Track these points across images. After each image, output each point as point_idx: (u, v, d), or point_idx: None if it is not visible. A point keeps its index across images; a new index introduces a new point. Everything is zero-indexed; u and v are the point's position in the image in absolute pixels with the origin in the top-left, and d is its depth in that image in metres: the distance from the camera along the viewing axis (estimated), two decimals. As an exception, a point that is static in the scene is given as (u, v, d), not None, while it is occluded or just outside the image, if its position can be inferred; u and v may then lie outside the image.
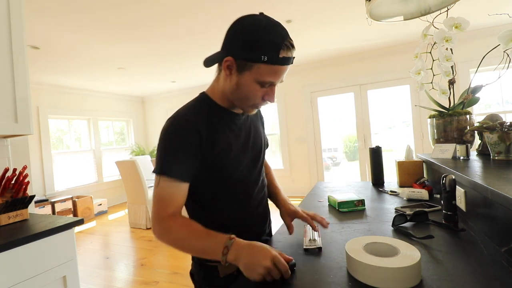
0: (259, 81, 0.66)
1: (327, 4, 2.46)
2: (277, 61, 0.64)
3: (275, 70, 0.65)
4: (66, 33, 2.62)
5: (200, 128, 0.69)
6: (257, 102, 0.71)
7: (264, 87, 0.68)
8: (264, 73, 0.65)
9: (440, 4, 1.14)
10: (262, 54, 0.62)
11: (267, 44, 0.63)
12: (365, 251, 0.59)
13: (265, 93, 0.70)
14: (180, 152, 0.68)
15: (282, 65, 0.65)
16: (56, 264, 1.09)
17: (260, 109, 0.85)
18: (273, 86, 0.70)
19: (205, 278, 0.78)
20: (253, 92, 0.68)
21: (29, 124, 1.28)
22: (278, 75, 0.66)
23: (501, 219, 0.64)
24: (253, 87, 0.68)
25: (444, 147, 1.23)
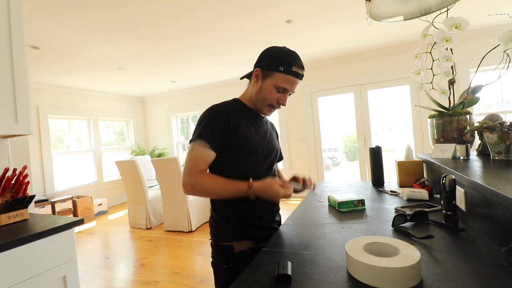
0: (275, 86, 0.91)
1: (327, 4, 2.46)
2: (290, 72, 0.90)
3: (288, 79, 0.90)
4: (66, 33, 2.62)
5: (229, 115, 0.90)
6: (273, 103, 0.94)
7: (279, 92, 0.92)
8: (280, 80, 0.90)
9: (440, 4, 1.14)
10: (280, 66, 0.89)
11: (284, 60, 0.90)
12: (365, 251, 0.59)
13: (279, 97, 0.93)
14: (212, 126, 0.88)
15: (293, 77, 0.90)
16: (56, 264, 1.09)
17: (273, 124, 1.14)
18: (286, 93, 0.93)
19: (222, 258, 0.92)
20: (270, 94, 0.92)
21: (29, 124, 1.28)
22: (290, 83, 0.91)
23: (501, 219, 0.64)
24: (271, 90, 0.92)
25: (444, 147, 1.23)
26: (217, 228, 0.95)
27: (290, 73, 0.89)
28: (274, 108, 0.97)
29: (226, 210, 0.94)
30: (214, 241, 0.95)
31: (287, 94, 0.93)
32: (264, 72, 0.92)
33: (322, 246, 0.75)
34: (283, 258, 0.70)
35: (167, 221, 3.46)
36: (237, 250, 0.90)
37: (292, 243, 0.79)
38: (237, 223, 0.93)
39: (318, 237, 0.82)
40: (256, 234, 0.93)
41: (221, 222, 0.94)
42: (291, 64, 0.89)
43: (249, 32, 2.92)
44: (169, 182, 3.34)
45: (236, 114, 0.93)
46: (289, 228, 0.92)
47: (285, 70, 0.88)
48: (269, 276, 0.62)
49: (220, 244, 0.93)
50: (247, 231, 0.93)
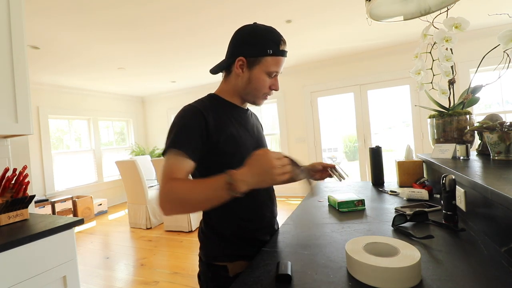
0: (267, 72, 0.80)
1: (327, 4, 2.46)
2: (279, 53, 0.80)
3: (278, 60, 0.80)
4: (66, 33, 2.62)
5: (206, 114, 0.76)
6: (267, 91, 0.84)
7: (271, 77, 0.82)
8: (271, 64, 0.79)
9: (440, 4, 1.14)
10: (268, 49, 0.78)
11: (270, 41, 0.79)
12: (365, 251, 0.59)
13: (272, 83, 0.83)
14: (187, 131, 0.74)
15: (283, 56, 0.81)
16: (56, 264, 1.09)
17: (256, 115, 1.04)
18: (276, 76, 0.84)
19: (213, 279, 0.78)
20: (263, 83, 0.81)
21: (29, 124, 1.28)
22: (279, 65, 0.81)
23: (501, 219, 0.64)
24: (263, 78, 0.81)
25: (444, 147, 1.23)
26: (208, 245, 0.82)
27: (280, 54, 0.79)
28: (267, 96, 0.86)
29: (221, 223, 0.81)
30: (205, 259, 0.82)
31: (277, 77, 0.84)
32: (251, 60, 0.79)
33: (322, 246, 0.74)
34: (283, 258, 0.70)
35: (167, 221, 3.46)
36: (232, 273, 0.77)
37: (292, 243, 0.79)
38: (233, 238, 0.80)
39: (318, 237, 0.82)
40: (253, 252, 0.78)
41: (214, 238, 0.81)
42: (278, 43, 0.79)
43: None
44: (169, 182, 3.34)
45: (216, 112, 0.80)
46: (289, 228, 0.92)
47: (274, 52, 0.78)
48: (269, 276, 0.62)
49: (212, 264, 0.80)
50: (244, 248, 0.80)
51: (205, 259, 0.81)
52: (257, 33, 0.79)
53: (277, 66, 0.80)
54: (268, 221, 0.88)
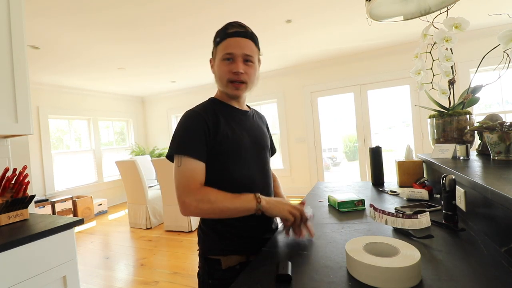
0: (222, 58, 0.85)
1: (327, 4, 2.46)
2: (227, 35, 0.84)
3: (228, 43, 0.84)
4: (66, 33, 2.62)
5: (207, 118, 0.83)
6: (229, 76, 0.85)
7: (229, 61, 0.84)
8: (221, 49, 0.85)
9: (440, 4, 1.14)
10: (217, 38, 0.88)
11: (219, 32, 0.88)
12: (365, 251, 0.59)
13: (231, 67, 0.84)
14: (193, 135, 0.81)
15: (233, 37, 0.84)
16: (56, 264, 1.09)
17: (263, 115, 1.08)
18: (237, 58, 0.84)
19: (208, 272, 0.84)
20: (222, 69, 0.85)
21: (29, 124, 1.28)
22: (232, 46, 0.83)
23: (501, 219, 0.64)
24: (221, 65, 0.86)
25: (444, 147, 1.23)
26: (204, 239, 0.87)
27: (228, 36, 0.83)
28: (235, 83, 0.85)
29: (218, 220, 0.85)
30: (202, 252, 0.87)
31: (238, 59, 0.83)
32: (213, 57, 0.90)
33: (322, 246, 0.74)
34: (283, 258, 0.70)
35: (167, 221, 3.46)
36: (225, 266, 0.82)
37: (292, 243, 0.79)
38: (227, 234, 0.84)
39: (318, 237, 0.82)
40: (247, 247, 0.84)
41: (210, 232, 0.86)
42: (225, 29, 0.85)
43: (249, 32, 2.92)
44: (169, 182, 3.34)
45: (214, 115, 0.85)
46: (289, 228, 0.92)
47: (222, 37, 0.84)
48: (269, 276, 0.62)
49: (208, 257, 0.84)
50: (238, 244, 0.84)
51: (201, 252, 0.88)
52: (216, 33, 0.89)
53: (228, 47, 0.83)
54: (264, 219, 0.87)
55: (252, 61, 0.86)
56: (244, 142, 0.87)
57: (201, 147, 0.80)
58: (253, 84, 0.89)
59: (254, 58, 0.87)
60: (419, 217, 0.77)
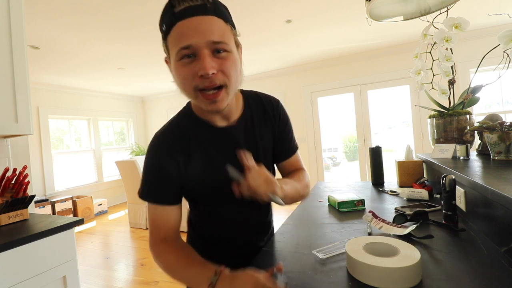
0: (178, 57, 0.55)
1: (327, 4, 2.45)
2: (175, 18, 0.53)
3: (179, 31, 0.53)
4: (66, 33, 2.62)
5: (174, 151, 0.65)
6: (195, 83, 0.55)
7: (189, 58, 0.54)
8: (173, 42, 0.55)
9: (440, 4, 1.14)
10: (162, 25, 0.58)
11: (163, 13, 0.57)
12: (365, 251, 0.59)
13: (193, 68, 0.54)
14: (154, 179, 0.66)
15: (182, 20, 0.52)
16: (56, 264, 1.09)
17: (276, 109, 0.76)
18: (199, 52, 0.53)
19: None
20: (181, 73, 0.56)
21: (29, 124, 1.28)
22: (185, 34, 0.52)
23: (501, 219, 0.64)
24: (178, 67, 0.56)
25: (444, 147, 1.23)
26: (193, 245, 0.78)
27: (177, 18, 0.53)
28: (207, 92, 0.56)
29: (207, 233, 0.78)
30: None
31: (202, 53, 0.53)
32: (167, 55, 0.62)
33: (322, 246, 0.74)
34: (283, 258, 0.70)
35: (167, 221, 3.45)
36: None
37: (292, 243, 0.79)
38: (216, 242, 0.77)
39: (318, 237, 0.82)
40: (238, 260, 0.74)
41: (198, 239, 0.79)
42: (171, 7, 0.54)
43: (249, 32, 2.91)
44: (169, 182, 3.34)
45: (183, 142, 0.66)
46: (289, 228, 0.92)
47: (169, 21, 0.55)
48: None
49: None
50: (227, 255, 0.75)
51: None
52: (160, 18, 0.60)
53: (182, 38, 0.53)
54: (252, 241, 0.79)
55: (226, 49, 0.55)
56: (224, 180, 0.64)
57: (167, 189, 0.66)
58: (236, 82, 0.60)
59: (229, 43, 0.56)
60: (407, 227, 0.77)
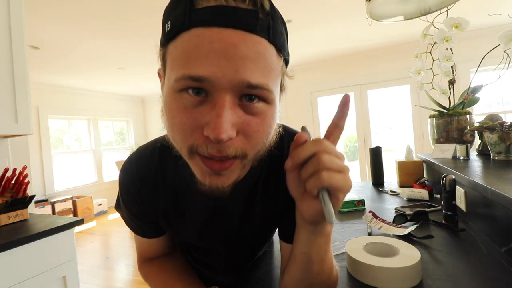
0: (179, 86, 0.32)
1: (327, 4, 2.45)
2: (190, 18, 0.30)
3: (194, 44, 0.30)
4: (66, 33, 2.62)
5: (144, 199, 0.51)
6: (195, 141, 0.33)
7: (198, 96, 0.32)
8: (177, 58, 0.32)
9: (440, 4, 1.14)
10: (167, 21, 0.35)
11: (171, 5, 0.35)
12: (365, 251, 0.59)
13: (202, 117, 0.32)
14: (132, 217, 0.54)
15: (206, 26, 0.30)
16: (56, 264, 1.09)
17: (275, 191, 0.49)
18: (216, 97, 0.31)
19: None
20: (178, 120, 0.33)
21: (29, 124, 1.28)
22: (204, 55, 0.30)
23: (501, 219, 0.64)
24: (176, 107, 0.33)
25: (444, 147, 1.23)
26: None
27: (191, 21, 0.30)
28: (210, 160, 0.34)
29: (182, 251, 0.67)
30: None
31: (221, 99, 0.31)
32: (161, 66, 0.42)
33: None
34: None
35: (167, 221, 3.45)
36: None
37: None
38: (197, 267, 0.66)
39: (318, 237, 0.82)
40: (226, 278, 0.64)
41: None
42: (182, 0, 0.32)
43: (249, 32, 2.91)
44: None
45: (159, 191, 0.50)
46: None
47: (178, 23, 0.32)
48: (269, 276, 0.62)
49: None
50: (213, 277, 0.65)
51: None
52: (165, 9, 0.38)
53: (191, 57, 0.30)
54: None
55: (265, 98, 0.34)
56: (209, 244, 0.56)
57: (146, 226, 0.55)
58: (261, 151, 0.38)
59: (273, 89, 0.34)
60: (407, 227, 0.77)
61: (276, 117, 0.38)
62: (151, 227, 0.55)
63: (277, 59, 0.34)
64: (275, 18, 0.34)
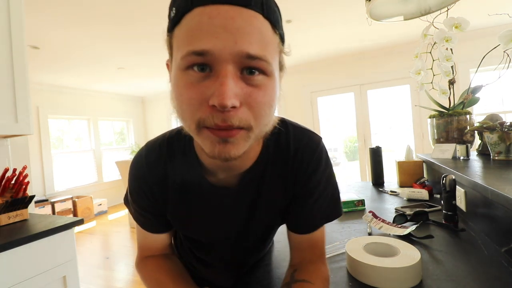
0: (184, 64, 0.35)
1: (327, 4, 2.45)
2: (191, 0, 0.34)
3: (196, 22, 0.33)
4: (66, 33, 2.62)
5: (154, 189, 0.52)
6: (202, 115, 0.35)
7: (202, 72, 0.34)
8: (181, 39, 0.35)
9: (440, 4, 1.14)
10: (172, 8, 0.38)
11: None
12: (365, 251, 0.59)
13: (207, 89, 0.34)
14: (139, 207, 0.54)
15: (206, 4, 0.33)
16: (56, 264, 1.09)
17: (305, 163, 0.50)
18: (218, 68, 0.33)
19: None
20: (185, 96, 0.35)
21: (29, 124, 1.28)
22: (206, 30, 0.32)
23: (501, 219, 0.64)
24: (182, 84, 0.36)
25: (444, 147, 1.23)
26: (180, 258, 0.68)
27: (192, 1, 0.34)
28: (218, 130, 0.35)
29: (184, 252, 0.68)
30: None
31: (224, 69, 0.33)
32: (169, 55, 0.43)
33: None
34: (283, 258, 0.70)
35: (167, 221, 3.45)
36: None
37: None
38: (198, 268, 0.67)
39: (318, 237, 0.82)
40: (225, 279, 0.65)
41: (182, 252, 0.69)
42: None
43: (249, 32, 2.91)
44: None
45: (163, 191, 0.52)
46: (289, 228, 0.92)
47: (181, 7, 0.35)
48: (269, 276, 0.62)
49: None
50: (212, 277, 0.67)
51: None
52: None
53: (194, 34, 0.33)
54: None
55: (264, 69, 0.35)
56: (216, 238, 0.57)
57: (152, 220, 0.55)
58: (266, 126, 0.39)
59: (271, 61, 0.36)
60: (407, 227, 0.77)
61: (277, 91, 0.39)
62: (159, 220, 0.55)
63: (272, 35, 0.37)
64: None
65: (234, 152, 0.37)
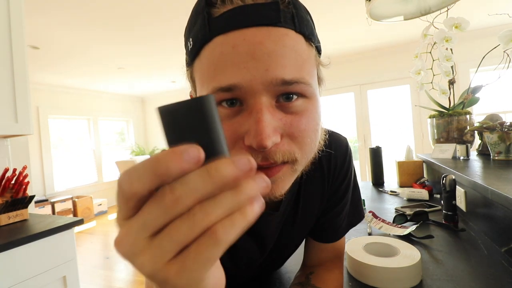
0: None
1: (327, 4, 2.45)
2: (210, 30, 0.29)
3: (218, 54, 0.29)
4: (66, 33, 2.62)
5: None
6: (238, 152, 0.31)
7: (232, 107, 0.30)
8: (204, 73, 0.31)
9: (440, 4, 1.14)
10: (189, 38, 0.35)
11: (191, 19, 0.34)
12: (365, 251, 0.59)
13: (241, 127, 0.30)
14: None
15: (227, 31, 0.28)
16: (56, 264, 1.09)
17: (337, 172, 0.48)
18: (251, 103, 0.29)
19: None
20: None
21: (29, 124, 1.28)
22: (231, 62, 0.28)
23: (501, 219, 0.64)
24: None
25: (444, 147, 1.23)
26: None
27: (212, 31, 0.29)
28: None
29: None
30: None
31: (257, 103, 0.28)
32: (192, 88, 0.40)
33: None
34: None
35: (167, 221, 3.45)
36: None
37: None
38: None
39: (318, 237, 0.82)
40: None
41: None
42: (200, 13, 0.31)
43: (249, 32, 2.91)
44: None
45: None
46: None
47: (199, 37, 0.31)
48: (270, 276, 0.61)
49: None
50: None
51: None
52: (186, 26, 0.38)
53: (217, 68, 0.29)
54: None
55: (304, 93, 0.31)
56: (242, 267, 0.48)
57: None
58: (312, 152, 0.35)
59: (310, 81, 0.32)
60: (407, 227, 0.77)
61: (320, 112, 0.34)
62: None
63: (308, 49, 0.32)
64: (298, 5, 0.32)
65: (279, 192, 0.32)
